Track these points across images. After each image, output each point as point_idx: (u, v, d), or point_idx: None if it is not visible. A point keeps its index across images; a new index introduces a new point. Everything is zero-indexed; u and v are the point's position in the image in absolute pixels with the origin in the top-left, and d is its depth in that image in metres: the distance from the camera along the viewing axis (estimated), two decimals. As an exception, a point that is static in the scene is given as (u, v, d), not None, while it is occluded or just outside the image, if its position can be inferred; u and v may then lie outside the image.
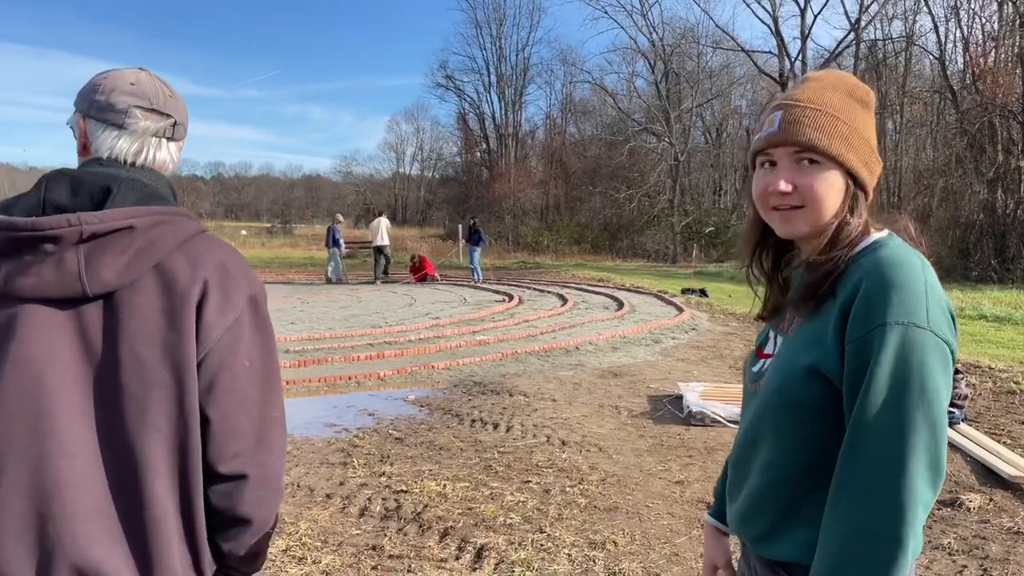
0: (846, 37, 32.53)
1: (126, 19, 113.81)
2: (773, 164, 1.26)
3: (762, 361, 1.38)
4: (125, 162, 1.34)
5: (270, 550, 3.61)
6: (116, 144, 1.34)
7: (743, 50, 35.71)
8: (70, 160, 1.44)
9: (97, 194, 1.24)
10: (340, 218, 21.48)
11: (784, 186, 1.23)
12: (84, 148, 1.36)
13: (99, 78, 1.37)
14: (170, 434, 1.21)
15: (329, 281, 19.59)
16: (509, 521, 4.04)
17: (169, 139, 1.40)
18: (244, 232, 47.51)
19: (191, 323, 1.20)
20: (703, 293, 15.91)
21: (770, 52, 34.88)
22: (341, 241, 20.16)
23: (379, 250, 20.06)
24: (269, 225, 52.86)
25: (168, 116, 1.38)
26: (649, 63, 39.97)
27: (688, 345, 10.04)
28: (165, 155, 1.39)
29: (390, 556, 3.62)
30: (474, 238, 20.19)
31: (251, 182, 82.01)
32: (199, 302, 1.22)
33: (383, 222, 20.35)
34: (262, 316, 1.30)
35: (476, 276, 19.49)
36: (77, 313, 1.20)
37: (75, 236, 1.18)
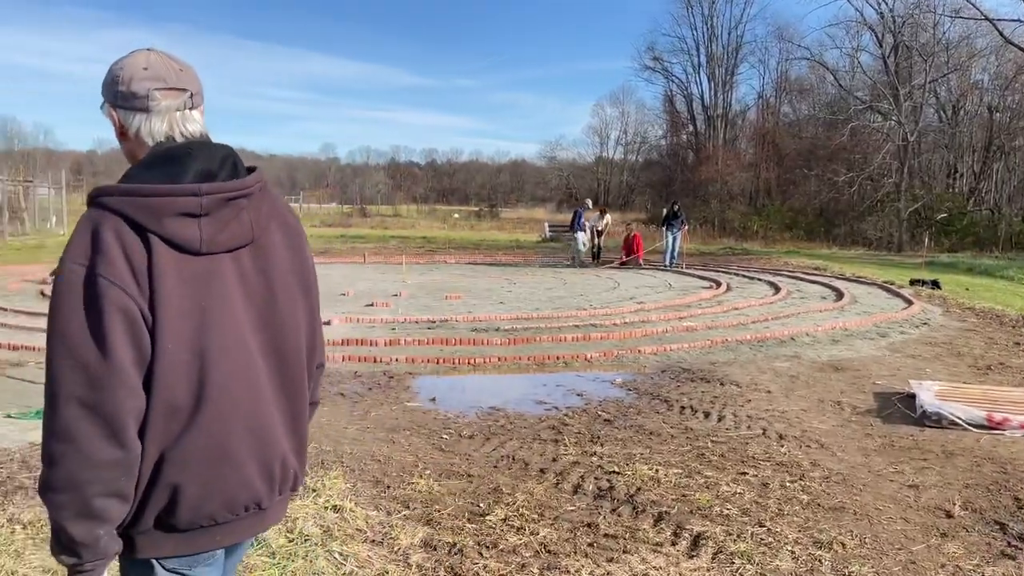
0: (1122, -5, 28.16)
1: (360, 16, 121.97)
2: None
3: None
4: (184, 137, 1.49)
5: (488, 517, 3.78)
6: (154, 127, 1.46)
7: (986, 19, 31.85)
8: (302, 147, 1.78)
9: (227, 162, 1.45)
10: (589, 204, 21.40)
11: None
12: (123, 133, 1.49)
13: (116, 69, 1.48)
14: (307, 345, 1.59)
15: (582, 264, 19.49)
16: (726, 512, 3.92)
17: (191, 109, 1.50)
18: (456, 215, 49.87)
19: (309, 254, 1.63)
20: (935, 285, 14.53)
21: (1018, 20, 30.92)
22: (587, 225, 19.93)
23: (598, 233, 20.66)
24: (477, 208, 54.88)
25: (184, 90, 1.49)
26: (876, 36, 36.92)
27: (919, 340, 9.21)
28: (195, 124, 1.50)
29: (605, 535, 3.64)
30: (675, 223, 19.50)
31: (461, 167, 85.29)
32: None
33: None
34: None
35: (669, 260, 18.99)
36: (236, 257, 1.45)
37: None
